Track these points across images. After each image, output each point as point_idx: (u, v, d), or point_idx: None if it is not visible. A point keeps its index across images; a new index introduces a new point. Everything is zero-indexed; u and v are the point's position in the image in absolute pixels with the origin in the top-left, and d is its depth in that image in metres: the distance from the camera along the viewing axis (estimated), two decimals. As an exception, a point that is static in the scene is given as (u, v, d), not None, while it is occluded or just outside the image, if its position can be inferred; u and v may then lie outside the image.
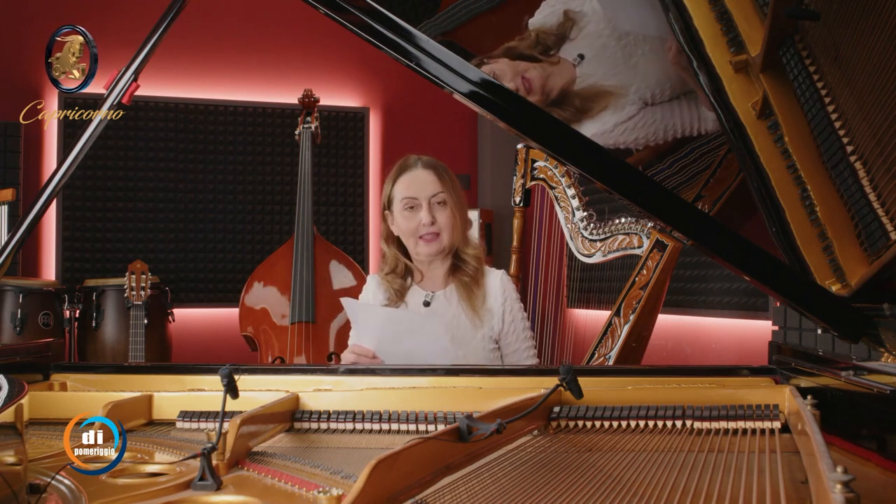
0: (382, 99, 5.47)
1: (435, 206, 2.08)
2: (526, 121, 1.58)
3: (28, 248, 4.74)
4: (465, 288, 2.10)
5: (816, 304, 1.51)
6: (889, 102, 1.30)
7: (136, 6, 4.26)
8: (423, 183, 2.09)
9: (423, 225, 2.06)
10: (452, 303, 2.11)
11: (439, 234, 2.07)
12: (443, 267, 2.14)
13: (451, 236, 2.09)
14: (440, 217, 2.07)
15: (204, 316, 5.03)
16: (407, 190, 2.10)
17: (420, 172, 2.10)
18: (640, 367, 2.43)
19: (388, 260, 2.17)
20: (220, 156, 5.12)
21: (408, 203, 2.08)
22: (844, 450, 1.20)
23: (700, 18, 1.58)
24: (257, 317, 3.68)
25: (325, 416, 1.50)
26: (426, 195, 2.07)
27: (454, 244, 2.11)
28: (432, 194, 2.08)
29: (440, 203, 2.08)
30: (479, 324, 2.07)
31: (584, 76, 1.70)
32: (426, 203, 2.07)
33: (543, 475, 1.11)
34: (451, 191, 2.09)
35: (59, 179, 1.71)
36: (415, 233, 2.08)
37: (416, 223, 2.07)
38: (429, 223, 2.06)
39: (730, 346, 3.83)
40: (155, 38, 1.74)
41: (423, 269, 2.15)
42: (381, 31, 1.54)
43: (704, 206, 1.72)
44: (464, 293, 2.10)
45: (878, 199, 1.36)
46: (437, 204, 2.08)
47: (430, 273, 2.15)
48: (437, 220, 2.07)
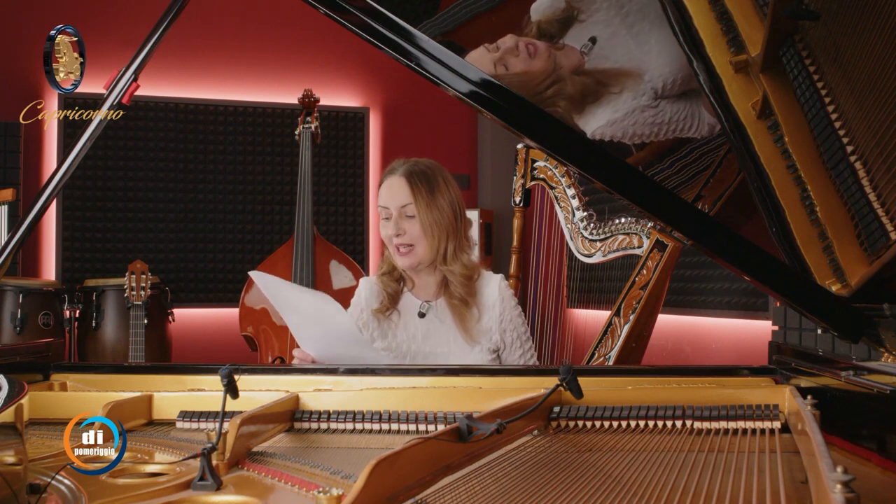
0: (382, 99, 5.47)
1: (404, 217, 1.99)
2: (526, 121, 1.58)
3: (28, 248, 4.74)
4: (454, 309, 2.03)
5: (816, 304, 1.51)
6: (889, 102, 1.30)
7: (136, 6, 4.26)
8: (394, 193, 2.01)
9: (393, 236, 2.00)
10: (446, 319, 2.05)
11: (413, 245, 1.99)
12: (433, 277, 2.07)
13: (427, 250, 2.00)
14: (409, 229, 1.99)
15: (204, 316, 5.03)
16: (382, 198, 2.03)
17: (395, 181, 2.02)
18: (640, 367, 2.43)
19: (386, 260, 2.12)
20: (220, 156, 5.12)
21: (383, 212, 2.03)
22: (844, 450, 1.20)
23: (700, 18, 1.58)
24: (257, 317, 3.69)
25: (325, 416, 1.50)
26: (396, 205, 2.00)
27: (433, 258, 2.02)
28: (401, 205, 1.99)
29: (409, 216, 1.99)
30: (472, 343, 2.02)
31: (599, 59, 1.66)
32: (396, 213, 2.00)
33: (543, 475, 1.11)
34: (426, 203, 1.98)
35: (59, 179, 1.71)
36: (390, 242, 2.03)
37: (389, 234, 2.01)
38: (394, 234, 1.99)
39: (730, 346, 3.83)
40: (155, 38, 1.74)
41: (414, 276, 2.09)
42: (381, 31, 1.54)
43: (704, 206, 1.72)
44: (455, 314, 2.03)
45: (878, 199, 1.37)
46: (406, 216, 1.99)
47: (421, 282, 2.09)
48: (406, 232, 1.99)
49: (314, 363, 1.86)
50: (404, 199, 1.99)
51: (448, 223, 2.01)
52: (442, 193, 2.01)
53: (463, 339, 2.02)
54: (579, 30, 1.68)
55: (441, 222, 1.99)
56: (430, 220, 1.98)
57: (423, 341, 2.05)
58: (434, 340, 2.05)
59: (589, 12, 1.66)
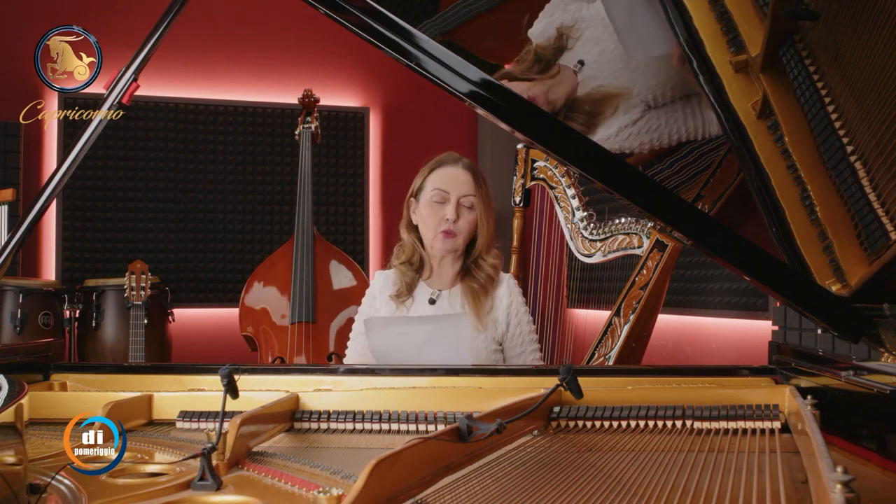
0: (382, 99, 5.47)
1: (462, 206, 2.09)
2: (526, 121, 1.58)
3: (28, 248, 4.73)
4: (472, 294, 2.10)
5: (816, 304, 1.50)
6: (889, 102, 1.30)
7: (136, 6, 4.26)
8: (458, 181, 2.11)
9: (446, 220, 2.07)
10: (456, 305, 2.11)
11: (457, 234, 2.09)
12: (453, 267, 2.14)
13: (466, 240, 2.11)
14: (463, 218, 2.09)
15: (204, 316, 5.03)
16: (440, 182, 2.11)
17: (458, 170, 2.12)
18: (640, 367, 2.43)
19: (405, 248, 2.17)
20: (220, 156, 5.11)
21: (438, 195, 2.10)
22: (844, 450, 1.20)
23: (700, 18, 1.58)
24: (257, 317, 3.68)
25: (325, 416, 1.50)
26: (458, 193, 2.09)
27: (463, 248, 2.12)
28: (463, 194, 2.09)
29: (468, 206, 2.10)
30: (481, 329, 2.07)
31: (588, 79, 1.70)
32: (455, 200, 2.09)
33: (543, 475, 1.11)
34: (483, 198, 2.12)
35: (59, 179, 1.71)
36: (436, 226, 2.09)
37: (440, 217, 2.08)
38: (453, 219, 2.07)
39: (730, 346, 3.83)
40: (155, 38, 1.74)
41: (435, 264, 2.15)
42: (381, 31, 1.54)
43: (704, 206, 1.72)
44: (470, 298, 2.10)
45: (878, 199, 1.36)
46: (465, 206, 2.09)
47: (440, 270, 2.15)
48: (459, 220, 2.08)
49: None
50: (467, 190, 2.10)
51: (493, 220, 2.16)
52: (490, 192, 2.17)
53: (472, 324, 2.07)
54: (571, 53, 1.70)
55: (490, 218, 2.14)
56: (486, 215, 2.13)
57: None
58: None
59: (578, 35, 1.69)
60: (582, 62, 1.69)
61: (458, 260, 2.14)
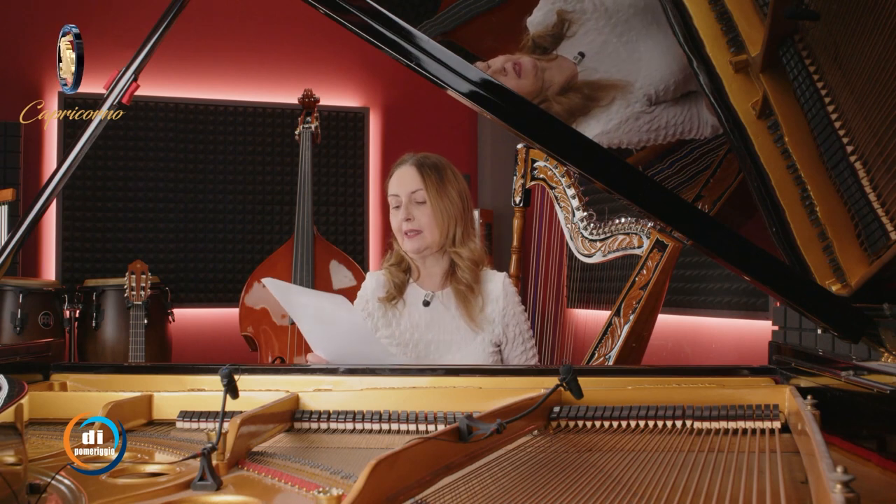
0: (382, 99, 5.47)
1: (413, 203, 2.07)
2: (526, 121, 1.58)
3: (28, 248, 4.74)
4: (461, 297, 2.09)
5: (816, 304, 1.50)
6: (889, 102, 1.30)
7: (136, 6, 4.26)
8: (404, 180, 2.09)
9: (405, 221, 2.07)
10: (451, 306, 2.10)
11: (420, 231, 2.06)
12: (439, 266, 2.13)
13: (435, 235, 2.07)
14: (418, 215, 2.06)
15: (204, 316, 5.03)
16: (392, 187, 2.11)
17: (405, 169, 2.10)
18: (640, 367, 2.43)
19: (394, 251, 2.17)
20: (220, 156, 5.12)
21: (393, 200, 2.11)
22: (844, 450, 1.20)
23: (700, 18, 1.58)
24: (257, 317, 3.69)
25: (325, 416, 1.50)
26: (406, 191, 2.08)
27: (442, 243, 2.09)
28: (412, 191, 2.07)
29: (420, 201, 2.07)
30: (477, 330, 2.06)
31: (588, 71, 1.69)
32: (405, 200, 2.07)
33: (543, 475, 1.11)
34: (436, 190, 2.06)
35: (59, 179, 1.71)
36: (399, 230, 2.09)
37: (399, 220, 2.08)
38: (405, 218, 2.06)
39: (730, 346, 3.83)
40: (155, 38, 1.74)
41: (420, 265, 2.14)
42: (381, 31, 1.54)
43: (704, 206, 1.72)
44: (461, 302, 2.08)
45: (878, 199, 1.36)
46: (415, 202, 2.07)
47: (427, 271, 2.14)
48: (414, 218, 2.06)
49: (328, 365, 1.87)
50: (414, 186, 2.07)
51: (456, 210, 2.09)
52: (450, 182, 2.10)
53: (467, 327, 2.07)
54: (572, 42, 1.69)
55: (450, 209, 2.08)
56: (440, 206, 2.07)
57: (426, 329, 2.09)
58: (437, 328, 2.09)
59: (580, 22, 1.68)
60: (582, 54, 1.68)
61: (443, 258, 2.12)
